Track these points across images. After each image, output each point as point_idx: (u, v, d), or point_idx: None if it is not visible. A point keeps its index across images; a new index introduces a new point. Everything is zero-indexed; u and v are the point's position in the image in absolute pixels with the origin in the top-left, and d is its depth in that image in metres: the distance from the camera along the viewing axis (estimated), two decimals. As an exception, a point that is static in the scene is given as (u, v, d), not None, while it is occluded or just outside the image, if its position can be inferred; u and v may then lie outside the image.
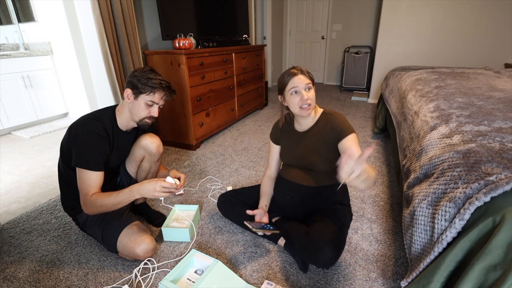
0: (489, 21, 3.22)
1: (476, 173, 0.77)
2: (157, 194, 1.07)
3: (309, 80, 1.13)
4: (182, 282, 1.08)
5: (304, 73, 1.13)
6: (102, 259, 1.24)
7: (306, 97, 1.10)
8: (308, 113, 1.14)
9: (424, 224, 0.85)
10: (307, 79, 1.12)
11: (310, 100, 1.11)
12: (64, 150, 1.16)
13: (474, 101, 1.37)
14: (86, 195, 1.09)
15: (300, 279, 1.13)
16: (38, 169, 2.08)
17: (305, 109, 1.12)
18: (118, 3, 1.99)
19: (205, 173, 2.01)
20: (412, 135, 1.34)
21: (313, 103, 1.14)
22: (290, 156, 1.27)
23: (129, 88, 1.14)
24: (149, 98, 1.13)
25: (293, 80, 1.11)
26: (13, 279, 1.13)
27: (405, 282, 0.87)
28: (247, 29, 3.47)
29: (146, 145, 1.28)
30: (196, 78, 2.31)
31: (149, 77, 1.12)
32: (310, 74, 1.15)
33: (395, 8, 3.52)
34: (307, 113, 1.13)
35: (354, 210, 1.55)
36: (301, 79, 1.11)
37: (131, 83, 1.13)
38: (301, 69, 1.14)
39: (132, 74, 1.13)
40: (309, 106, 1.12)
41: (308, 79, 1.12)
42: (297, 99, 1.11)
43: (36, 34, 3.01)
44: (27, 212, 1.56)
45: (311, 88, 1.13)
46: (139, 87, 1.12)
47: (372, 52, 4.62)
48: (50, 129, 2.90)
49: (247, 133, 2.85)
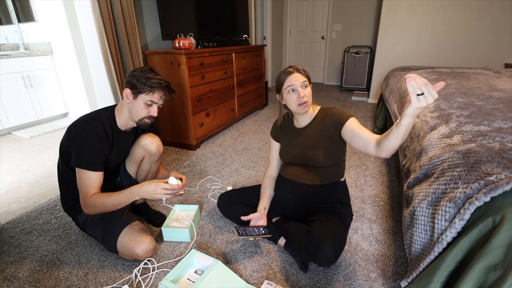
0: (489, 21, 3.22)
1: (476, 173, 0.77)
2: (157, 196, 1.07)
3: (305, 78, 1.15)
4: (182, 282, 1.08)
5: (300, 71, 1.15)
6: (102, 259, 1.24)
7: (302, 94, 1.12)
8: (305, 110, 1.16)
9: (424, 224, 0.85)
10: (303, 77, 1.15)
11: (307, 97, 1.14)
12: (63, 150, 1.16)
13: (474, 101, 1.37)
14: (86, 195, 1.09)
15: (300, 279, 1.13)
16: (38, 169, 2.08)
17: (302, 106, 1.14)
18: (118, 3, 1.99)
19: (205, 173, 2.01)
20: (412, 135, 1.34)
21: (310, 100, 1.16)
22: (290, 152, 1.28)
23: (128, 88, 1.13)
24: (148, 97, 1.13)
25: (289, 78, 1.14)
26: (13, 279, 1.13)
27: (405, 282, 0.87)
28: (247, 29, 3.47)
29: (146, 145, 1.28)
30: (196, 78, 2.31)
31: (148, 77, 1.11)
32: (306, 72, 1.18)
33: (395, 8, 3.52)
34: (305, 110, 1.16)
35: (354, 210, 1.55)
36: (297, 77, 1.13)
37: (130, 82, 1.13)
38: (297, 67, 1.16)
39: (131, 73, 1.13)
40: (306, 103, 1.14)
41: (304, 77, 1.15)
42: (294, 96, 1.13)
43: (36, 34, 3.01)
44: (27, 212, 1.56)
45: (308, 86, 1.15)
46: (138, 86, 1.11)
47: (372, 52, 4.62)
48: (50, 129, 2.91)
49: (247, 133, 2.85)
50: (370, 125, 3.01)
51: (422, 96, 0.70)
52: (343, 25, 5.02)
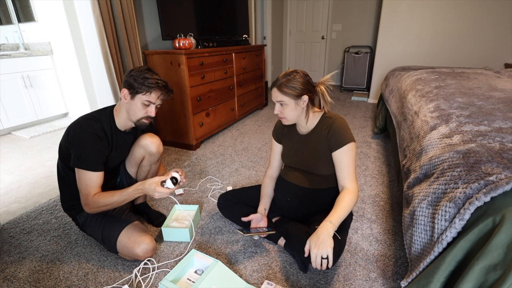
0: (489, 21, 3.22)
1: (476, 173, 0.77)
2: (157, 194, 1.07)
3: (282, 96, 1.09)
4: (182, 282, 1.08)
5: (281, 88, 1.09)
6: (102, 259, 1.24)
7: (277, 111, 1.13)
8: (286, 123, 1.18)
9: (424, 224, 0.85)
10: (280, 95, 1.09)
11: (283, 115, 1.13)
12: (62, 151, 1.16)
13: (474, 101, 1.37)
14: (88, 195, 1.09)
15: (300, 279, 1.13)
16: (38, 169, 2.08)
17: (279, 118, 1.16)
18: (118, 3, 1.99)
19: (205, 173, 2.01)
20: (412, 135, 1.34)
21: (290, 117, 1.13)
22: (292, 159, 1.27)
23: (126, 88, 1.13)
24: (146, 98, 1.12)
25: (272, 91, 1.14)
26: (13, 279, 1.13)
27: (405, 282, 0.87)
28: (247, 29, 3.47)
29: (146, 145, 1.28)
30: (196, 78, 2.31)
31: (145, 77, 1.10)
32: (290, 88, 1.08)
33: (395, 8, 3.52)
34: (284, 123, 1.17)
35: (354, 210, 1.55)
36: (274, 93, 1.12)
37: (127, 82, 1.12)
38: (280, 82, 1.09)
39: (129, 73, 1.12)
40: (283, 118, 1.15)
41: (281, 96, 1.09)
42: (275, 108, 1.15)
43: (36, 34, 3.01)
44: (27, 212, 1.56)
45: (286, 105, 1.10)
46: (135, 86, 1.11)
47: (372, 52, 4.62)
48: (50, 129, 2.91)
49: (247, 133, 2.85)
50: (370, 125, 3.01)
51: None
52: (343, 25, 5.02)
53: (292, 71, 1.11)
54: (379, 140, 2.59)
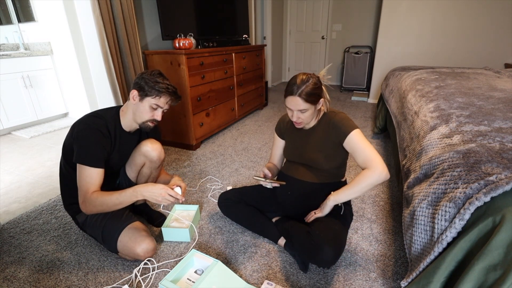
0: (489, 21, 3.22)
1: (476, 173, 0.77)
2: (160, 199, 1.07)
3: (304, 104, 1.07)
4: (182, 282, 1.08)
5: (301, 95, 1.05)
6: (102, 259, 1.24)
7: (295, 118, 1.13)
8: (300, 127, 1.19)
9: (424, 224, 0.85)
10: (303, 103, 1.06)
11: (301, 120, 1.13)
12: (66, 148, 1.17)
13: (474, 101, 1.37)
14: (86, 192, 1.09)
15: (300, 279, 1.13)
16: (38, 169, 2.08)
17: (296, 123, 1.16)
18: (118, 3, 1.99)
19: (205, 173, 2.01)
20: (412, 135, 1.34)
21: (307, 120, 1.14)
22: (294, 153, 1.28)
23: (136, 89, 1.14)
24: (154, 101, 1.14)
25: (288, 100, 1.10)
26: (13, 279, 1.13)
27: (405, 282, 0.87)
28: (247, 29, 3.47)
29: (147, 151, 1.28)
30: (196, 78, 2.31)
31: (156, 81, 1.12)
32: (312, 96, 1.06)
33: (395, 8, 3.52)
34: (299, 126, 1.18)
35: (354, 210, 1.55)
36: (295, 102, 1.07)
37: (138, 84, 1.14)
38: (303, 89, 1.05)
39: (140, 76, 1.14)
40: (300, 123, 1.16)
41: (303, 104, 1.06)
42: (290, 114, 1.15)
43: (36, 34, 3.01)
44: (27, 212, 1.56)
45: (306, 111, 1.10)
46: (145, 89, 1.12)
47: (372, 52, 4.62)
48: (50, 129, 2.91)
49: (247, 133, 2.85)
50: (370, 125, 3.01)
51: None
52: (343, 25, 5.02)
53: (308, 76, 1.09)
54: (379, 140, 2.59)
